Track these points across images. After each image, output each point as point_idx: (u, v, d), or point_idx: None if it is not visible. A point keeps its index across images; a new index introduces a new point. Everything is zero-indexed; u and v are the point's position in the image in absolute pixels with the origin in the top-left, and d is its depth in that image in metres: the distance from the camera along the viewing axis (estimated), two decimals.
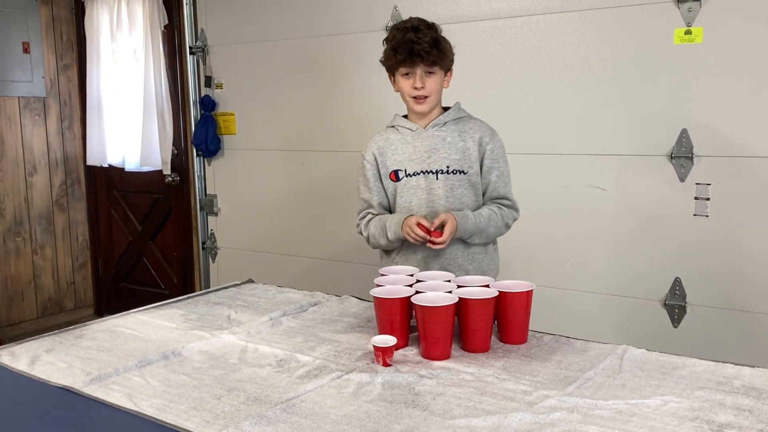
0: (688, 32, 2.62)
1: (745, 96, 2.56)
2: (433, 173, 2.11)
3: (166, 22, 4.21)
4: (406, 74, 2.06)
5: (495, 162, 2.14)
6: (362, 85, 3.44)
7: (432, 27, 2.06)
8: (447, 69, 2.10)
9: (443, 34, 2.11)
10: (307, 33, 3.59)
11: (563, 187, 2.96)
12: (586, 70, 2.85)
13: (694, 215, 2.70)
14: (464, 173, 2.11)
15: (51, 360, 1.69)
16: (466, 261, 2.12)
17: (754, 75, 2.54)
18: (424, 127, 2.13)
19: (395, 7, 3.27)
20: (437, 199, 2.10)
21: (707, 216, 2.67)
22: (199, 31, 4.02)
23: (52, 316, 4.72)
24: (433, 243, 1.96)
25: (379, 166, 2.18)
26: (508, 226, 2.16)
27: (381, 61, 2.13)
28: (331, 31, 3.51)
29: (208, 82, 4.01)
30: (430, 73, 2.04)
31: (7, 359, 1.70)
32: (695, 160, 2.67)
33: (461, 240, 2.09)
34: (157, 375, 1.58)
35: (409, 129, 2.15)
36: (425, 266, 2.09)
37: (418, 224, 1.96)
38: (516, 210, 2.18)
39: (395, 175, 2.14)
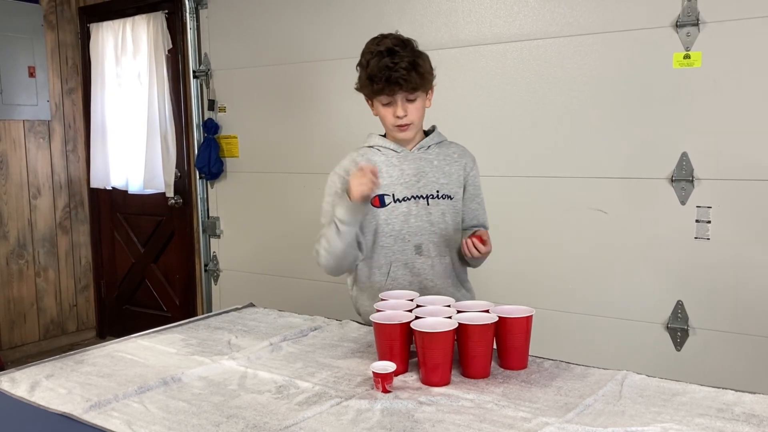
0: (687, 56, 2.64)
1: (744, 119, 2.57)
2: (423, 198, 2.00)
3: (170, 46, 4.26)
4: (387, 103, 1.93)
5: (477, 189, 2.08)
6: (364, 109, 3.46)
7: (407, 45, 1.90)
8: (428, 90, 1.97)
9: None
10: (310, 57, 3.63)
11: (564, 211, 2.96)
12: (585, 94, 2.87)
13: (696, 238, 2.70)
14: (451, 198, 2.03)
15: (51, 386, 1.69)
16: (458, 290, 2.08)
17: (754, 98, 2.55)
18: (410, 150, 2.03)
19: (397, 31, 3.29)
20: (430, 225, 2.01)
21: (708, 239, 2.67)
22: (202, 55, 4.06)
23: (54, 339, 4.72)
24: (476, 247, 1.89)
25: None
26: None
27: (356, 88, 1.99)
28: (334, 55, 3.54)
29: (211, 105, 4.04)
30: (411, 98, 1.92)
31: (7, 385, 1.70)
32: (696, 183, 2.68)
33: (452, 269, 2.03)
34: (157, 401, 1.58)
35: (393, 150, 2.02)
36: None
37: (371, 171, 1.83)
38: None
39: (380, 201, 1.99)
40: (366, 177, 1.83)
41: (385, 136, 2.07)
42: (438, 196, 2.02)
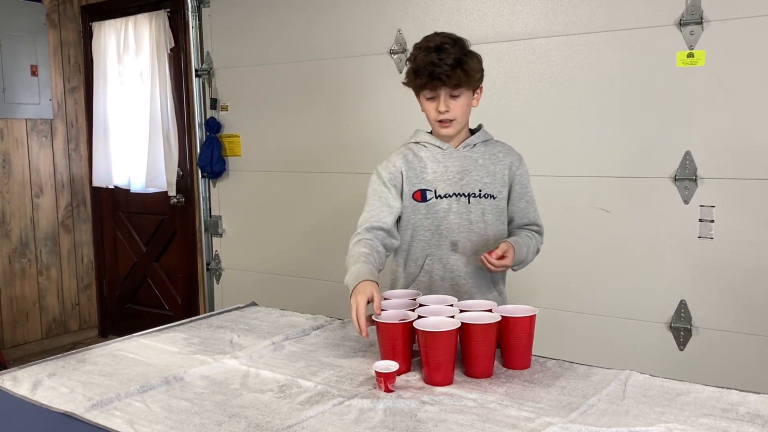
0: (690, 55, 2.63)
1: (748, 118, 2.56)
2: (465, 196, 2.00)
3: (173, 45, 4.26)
4: (430, 97, 1.95)
5: (524, 188, 2.07)
6: (366, 108, 3.46)
7: (458, 43, 1.92)
8: (474, 88, 1.98)
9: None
10: (312, 56, 3.62)
11: (567, 210, 2.95)
12: (589, 93, 2.86)
13: (699, 237, 2.69)
14: (493, 198, 2.02)
15: (53, 385, 1.69)
16: (489, 291, 2.06)
17: (757, 97, 2.54)
18: (455, 147, 2.03)
19: (399, 31, 3.30)
20: (469, 224, 2.00)
21: (712, 238, 2.66)
22: (204, 54, 4.06)
23: (57, 338, 4.72)
24: (489, 263, 1.87)
25: (404, 181, 2.02)
26: (538, 252, 2.09)
27: (404, 82, 2.00)
28: (336, 54, 3.53)
29: (214, 104, 4.04)
30: (455, 94, 1.92)
31: (9, 384, 1.70)
32: (699, 182, 2.67)
33: (488, 271, 2.00)
34: (159, 400, 1.57)
35: (439, 147, 2.02)
36: (451, 293, 1.98)
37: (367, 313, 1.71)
38: (543, 235, 2.11)
39: (421, 195, 2.01)
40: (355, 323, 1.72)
41: (431, 133, 2.07)
42: (480, 195, 2.01)
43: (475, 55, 1.96)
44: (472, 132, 2.09)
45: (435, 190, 2.02)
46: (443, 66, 1.87)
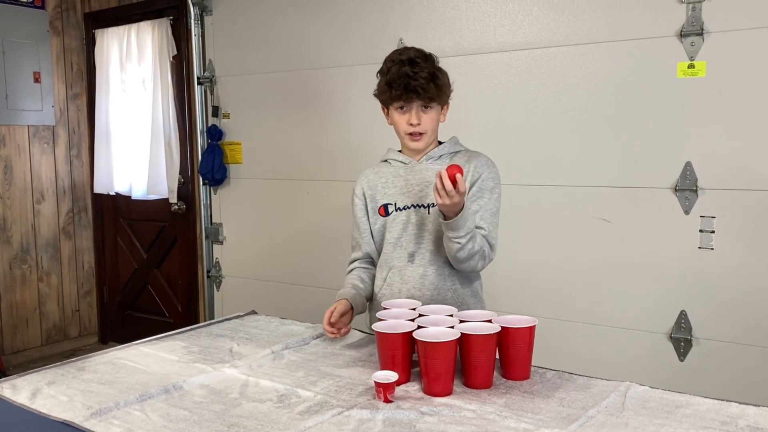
0: (691, 66, 2.64)
1: (748, 129, 2.57)
2: (424, 207, 2.01)
3: (175, 52, 4.28)
4: (401, 107, 1.97)
5: (482, 191, 1.99)
6: (368, 117, 3.47)
7: (429, 59, 1.97)
8: (444, 103, 2.01)
9: (442, 64, 2.01)
10: (314, 64, 3.63)
11: (567, 219, 2.96)
12: (590, 103, 2.87)
13: (699, 248, 2.69)
14: None
15: (52, 393, 1.69)
16: (456, 304, 1.99)
17: (758, 108, 2.54)
18: (418, 160, 2.05)
19: (401, 40, 3.31)
20: (427, 233, 2.01)
21: (712, 249, 2.66)
22: (207, 61, 4.07)
23: (57, 344, 4.72)
24: (443, 185, 1.75)
25: (368, 201, 2.11)
26: (483, 257, 1.95)
27: (374, 94, 2.05)
28: (338, 62, 3.54)
29: (216, 111, 4.05)
30: (426, 107, 1.96)
31: (9, 392, 1.70)
32: (700, 192, 2.67)
33: (451, 283, 1.99)
34: (158, 409, 1.57)
35: (401, 162, 2.07)
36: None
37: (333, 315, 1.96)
38: (492, 248, 1.99)
39: (384, 210, 2.08)
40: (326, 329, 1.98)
41: (401, 151, 2.12)
42: None
43: (444, 72, 2.00)
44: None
45: (395, 203, 2.06)
46: (419, 79, 1.91)
